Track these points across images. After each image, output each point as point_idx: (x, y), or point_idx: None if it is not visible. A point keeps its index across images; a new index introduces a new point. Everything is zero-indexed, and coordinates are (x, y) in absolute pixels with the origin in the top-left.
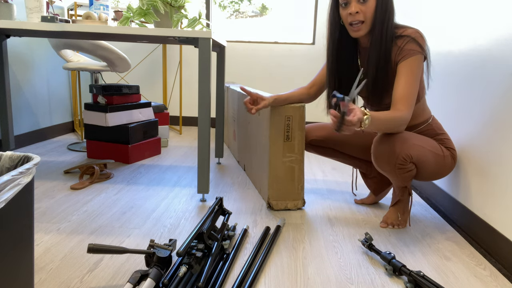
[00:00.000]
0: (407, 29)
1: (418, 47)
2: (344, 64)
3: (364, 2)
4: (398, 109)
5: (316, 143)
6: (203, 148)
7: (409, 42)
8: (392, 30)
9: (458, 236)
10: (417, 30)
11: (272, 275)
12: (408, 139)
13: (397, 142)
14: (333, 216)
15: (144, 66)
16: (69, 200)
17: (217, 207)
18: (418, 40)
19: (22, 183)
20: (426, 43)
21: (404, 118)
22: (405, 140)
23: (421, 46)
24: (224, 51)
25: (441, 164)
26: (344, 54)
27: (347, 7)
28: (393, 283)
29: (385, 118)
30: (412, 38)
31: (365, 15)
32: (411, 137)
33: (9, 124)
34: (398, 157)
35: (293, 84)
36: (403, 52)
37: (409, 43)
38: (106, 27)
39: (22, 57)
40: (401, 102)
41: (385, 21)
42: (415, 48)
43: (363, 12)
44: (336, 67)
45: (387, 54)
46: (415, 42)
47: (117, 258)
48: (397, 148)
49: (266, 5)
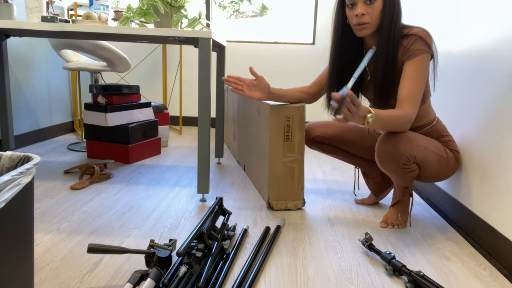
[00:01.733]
0: (413, 28)
1: (425, 46)
2: (348, 64)
3: (370, 4)
4: (403, 108)
5: (320, 140)
6: (203, 148)
7: (416, 41)
8: (399, 31)
9: (458, 236)
10: (424, 29)
11: (272, 275)
12: (413, 139)
13: (401, 142)
14: (333, 216)
15: (144, 66)
16: (69, 200)
17: (217, 207)
18: (425, 39)
19: (22, 183)
20: (434, 42)
21: (409, 117)
22: (410, 140)
23: (428, 45)
24: (224, 51)
25: (444, 166)
26: (348, 54)
27: (353, 8)
28: (393, 283)
29: (389, 116)
30: (419, 37)
31: (371, 16)
32: (416, 138)
33: (9, 124)
34: (402, 157)
35: (293, 84)
36: (409, 52)
37: (416, 42)
38: (106, 27)
39: (22, 57)
40: (406, 101)
41: (393, 22)
42: (422, 47)
43: (369, 14)
44: (340, 67)
45: (394, 56)
46: (422, 40)
47: (117, 258)
48: (401, 147)
49: (266, 5)
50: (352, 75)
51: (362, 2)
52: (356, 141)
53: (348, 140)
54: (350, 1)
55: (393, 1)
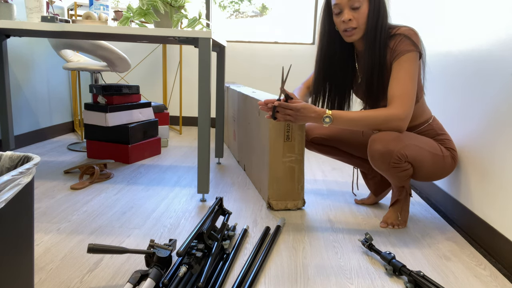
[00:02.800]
0: (400, 28)
1: (411, 45)
2: (337, 70)
3: (356, 9)
4: (390, 107)
5: (318, 141)
6: (203, 148)
7: (402, 40)
8: (386, 33)
9: (458, 236)
10: (411, 28)
11: (272, 275)
12: (404, 138)
13: (391, 141)
14: (333, 216)
15: (144, 66)
16: (69, 200)
17: (217, 207)
18: (411, 38)
19: (22, 183)
20: (421, 40)
21: (396, 116)
22: (400, 140)
23: (415, 43)
24: (224, 51)
25: (440, 165)
26: (338, 60)
27: (340, 15)
28: (393, 283)
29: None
30: (405, 36)
31: (358, 21)
32: (407, 137)
33: (9, 124)
34: (392, 156)
35: (293, 84)
36: (396, 51)
37: (402, 41)
38: (106, 27)
39: (22, 57)
40: (394, 100)
41: (378, 25)
42: (409, 46)
43: (356, 19)
44: (329, 73)
45: (381, 57)
46: (409, 39)
47: (117, 258)
48: (391, 146)
49: (266, 5)
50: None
51: (348, 8)
52: (354, 141)
53: (346, 141)
54: (337, 9)
55: (377, 4)
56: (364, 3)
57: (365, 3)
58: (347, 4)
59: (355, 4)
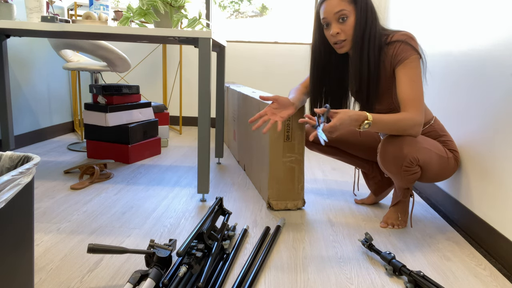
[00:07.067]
0: (395, 33)
1: (411, 49)
2: (332, 80)
3: (343, 22)
4: (408, 112)
5: (318, 141)
6: (203, 148)
7: (401, 46)
8: (377, 40)
9: (458, 236)
10: (406, 32)
11: (272, 275)
12: (416, 142)
13: (405, 144)
14: (333, 216)
15: (144, 66)
16: (69, 200)
17: (217, 207)
18: (409, 42)
19: (22, 183)
20: (419, 44)
21: (415, 120)
22: (414, 143)
23: (414, 47)
24: (224, 51)
25: (444, 167)
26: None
27: (328, 28)
28: (393, 283)
29: (390, 120)
30: (403, 42)
31: (346, 33)
32: (419, 140)
33: (9, 124)
34: (405, 159)
35: (293, 84)
36: (397, 57)
37: (402, 47)
38: (106, 27)
39: (22, 57)
40: (408, 105)
41: (365, 35)
42: (409, 50)
43: (344, 31)
44: (325, 82)
45: (370, 66)
46: (407, 44)
47: (117, 258)
48: (405, 150)
49: (266, 5)
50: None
51: (335, 22)
52: (354, 142)
53: (347, 140)
54: (325, 22)
55: (364, 14)
56: (351, 14)
57: (351, 14)
58: (334, 17)
59: (342, 17)
